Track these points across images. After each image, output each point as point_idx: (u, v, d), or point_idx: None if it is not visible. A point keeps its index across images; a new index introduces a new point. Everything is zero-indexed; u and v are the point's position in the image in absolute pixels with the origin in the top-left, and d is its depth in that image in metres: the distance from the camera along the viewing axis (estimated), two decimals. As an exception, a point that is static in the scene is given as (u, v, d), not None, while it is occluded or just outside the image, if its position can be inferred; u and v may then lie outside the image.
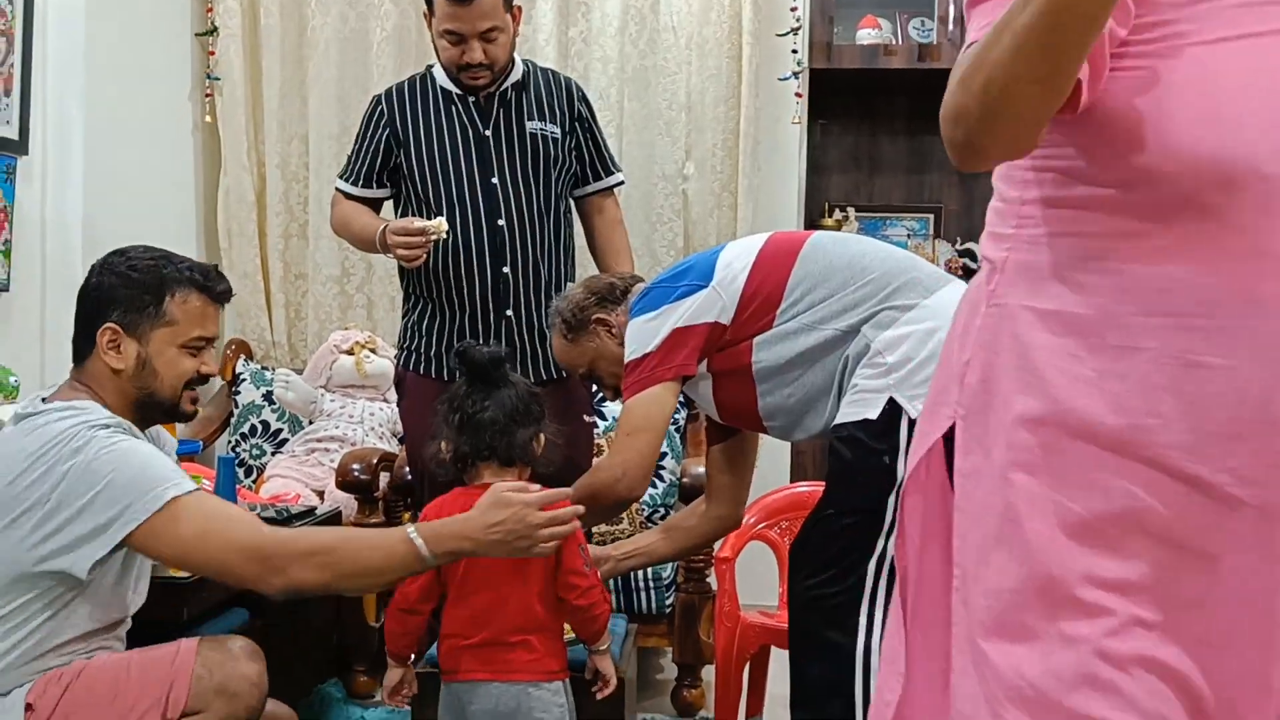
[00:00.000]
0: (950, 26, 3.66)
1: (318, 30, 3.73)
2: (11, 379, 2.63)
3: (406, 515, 2.91)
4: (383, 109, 2.61)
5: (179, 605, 2.02)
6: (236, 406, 3.63)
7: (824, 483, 1.93)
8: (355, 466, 2.96)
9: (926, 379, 1.80)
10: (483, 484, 1.91)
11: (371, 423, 3.48)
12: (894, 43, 3.71)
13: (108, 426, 1.69)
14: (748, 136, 3.61)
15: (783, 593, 2.45)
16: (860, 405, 1.84)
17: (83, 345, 1.80)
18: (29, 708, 1.65)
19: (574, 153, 2.65)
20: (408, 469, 2.82)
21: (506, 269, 2.54)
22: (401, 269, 2.61)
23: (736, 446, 2.24)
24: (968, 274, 3.81)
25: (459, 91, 2.57)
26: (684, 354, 1.95)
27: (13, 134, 2.95)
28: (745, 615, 2.56)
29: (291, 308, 3.86)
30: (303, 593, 1.73)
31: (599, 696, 1.96)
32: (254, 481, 3.44)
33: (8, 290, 2.94)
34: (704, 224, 3.67)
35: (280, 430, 3.59)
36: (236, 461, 3.51)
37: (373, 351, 3.56)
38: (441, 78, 2.60)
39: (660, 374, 1.95)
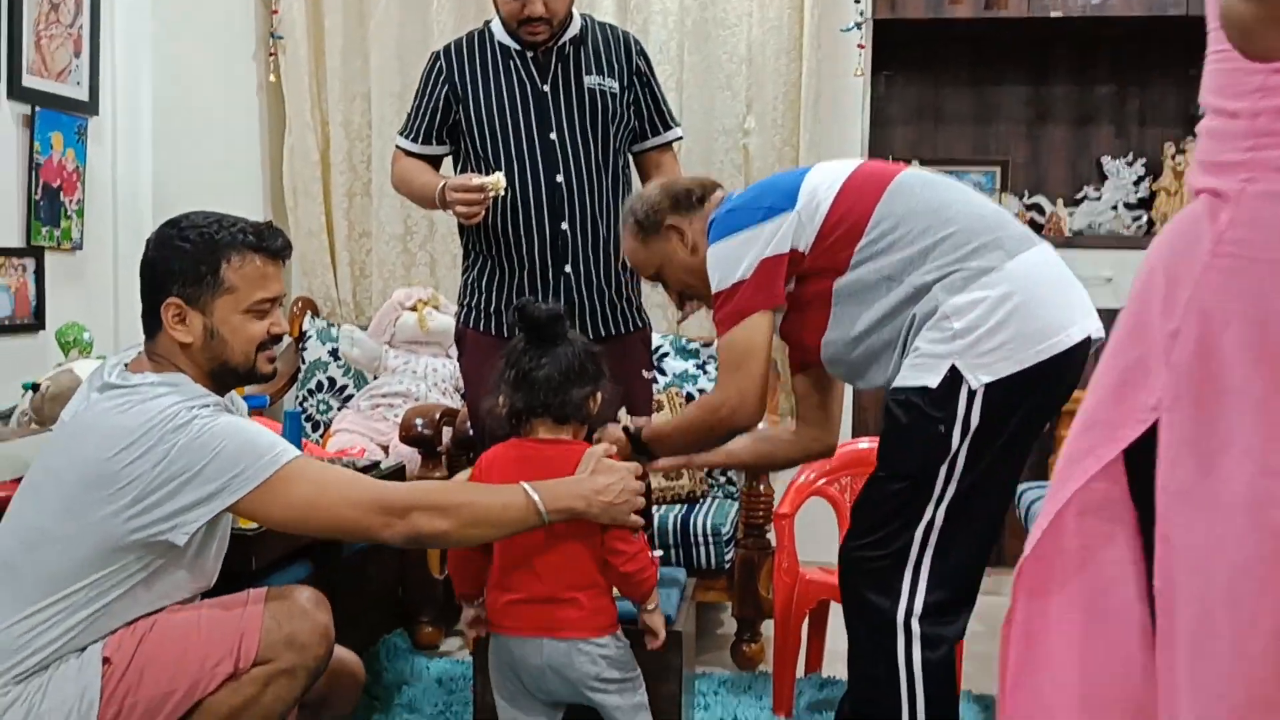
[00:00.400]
0: (1019, -27, 3.57)
1: (378, -13, 3.74)
2: (85, 335, 2.70)
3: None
4: (441, 65, 2.61)
5: (248, 555, 2.07)
6: (303, 363, 3.70)
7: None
8: (418, 421, 3.00)
9: (992, 349, 1.76)
10: (537, 438, 1.93)
11: (434, 378, 3.52)
12: (960, -9, 3.63)
13: (207, 405, 1.72)
14: (809, 89, 3.55)
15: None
16: (921, 370, 1.81)
17: (150, 321, 1.80)
18: (106, 661, 1.69)
19: (632, 108, 2.63)
20: (469, 424, 2.85)
21: (565, 225, 2.54)
22: (461, 226, 2.62)
23: (821, 370, 2.18)
24: (1035, 229, 3.73)
25: (517, 47, 2.56)
26: (777, 285, 1.93)
27: (83, 95, 3.00)
28: (804, 571, 2.57)
29: (356, 265, 3.90)
30: (422, 541, 1.80)
31: (649, 648, 1.99)
32: (320, 436, 3.51)
33: (81, 249, 3.01)
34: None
35: (346, 386, 3.65)
36: (303, 416, 3.59)
37: (435, 308, 3.60)
38: (500, 33, 2.59)
39: (755, 304, 1.93)
